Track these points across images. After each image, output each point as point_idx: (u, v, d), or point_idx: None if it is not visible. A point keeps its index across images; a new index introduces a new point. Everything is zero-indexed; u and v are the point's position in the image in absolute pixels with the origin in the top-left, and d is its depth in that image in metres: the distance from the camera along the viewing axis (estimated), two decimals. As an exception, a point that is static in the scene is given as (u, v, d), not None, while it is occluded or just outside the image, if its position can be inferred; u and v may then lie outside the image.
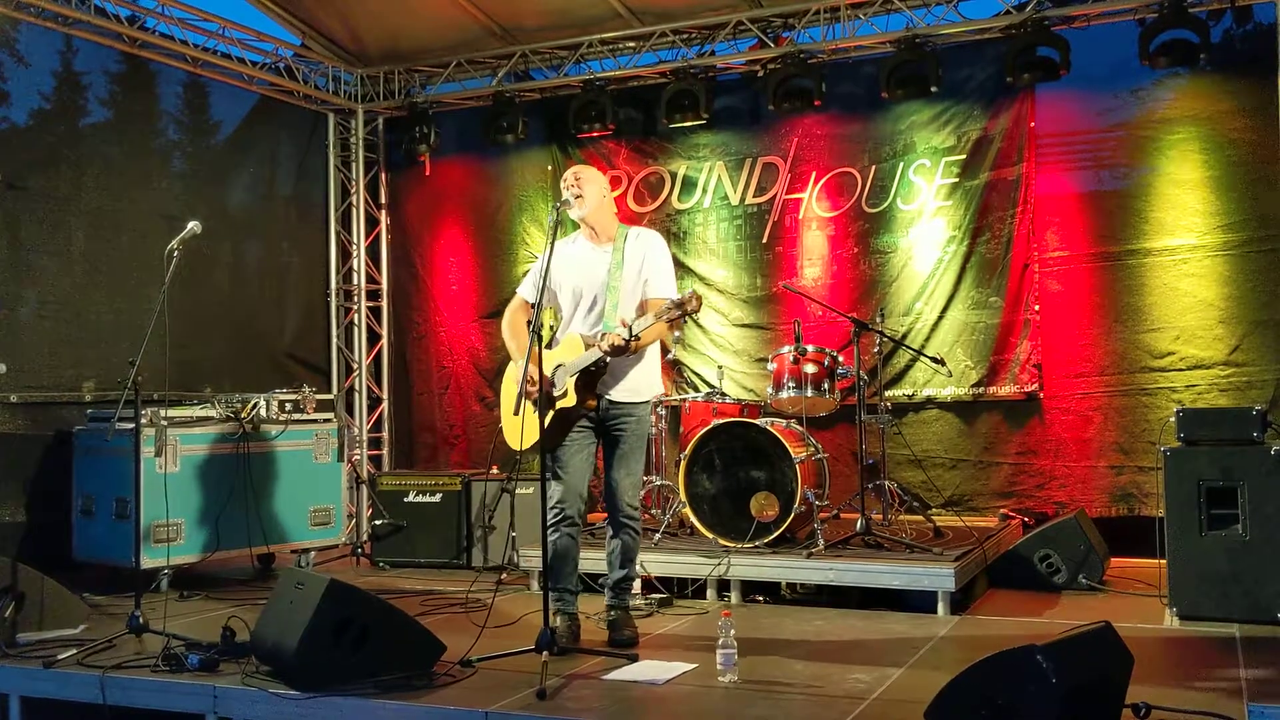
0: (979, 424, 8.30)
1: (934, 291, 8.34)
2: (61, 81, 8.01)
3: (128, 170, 8.34)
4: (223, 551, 7.31)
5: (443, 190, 10.07)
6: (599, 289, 5.32)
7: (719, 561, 6.45)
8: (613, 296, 5.26)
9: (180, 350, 8.43)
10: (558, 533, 5.35)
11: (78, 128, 8.07)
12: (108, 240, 8.16)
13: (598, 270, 5.35)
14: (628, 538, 5.46)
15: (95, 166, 8.12)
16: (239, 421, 7.47)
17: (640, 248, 5.38)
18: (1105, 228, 7.99)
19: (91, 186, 8.08)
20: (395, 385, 10.24)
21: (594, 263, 5.38)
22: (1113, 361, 7.94)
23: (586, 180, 5.40)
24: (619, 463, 5.37)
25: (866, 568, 6.23)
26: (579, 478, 5.37)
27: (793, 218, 8.79)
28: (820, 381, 7.07)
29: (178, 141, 8.87)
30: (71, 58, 8.07)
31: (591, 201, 5.38)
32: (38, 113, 7.84)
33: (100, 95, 8.26)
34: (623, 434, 5.35)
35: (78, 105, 8.10)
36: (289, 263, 9.80)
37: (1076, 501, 7.94)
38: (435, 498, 7.96)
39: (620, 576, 5.52)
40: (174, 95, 8.75)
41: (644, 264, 5.35)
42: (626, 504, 5.40)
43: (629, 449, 5.36)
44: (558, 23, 9.11)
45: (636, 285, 5.33)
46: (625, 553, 5.49)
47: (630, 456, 5.37)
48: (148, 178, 8.49)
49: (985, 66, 8.26)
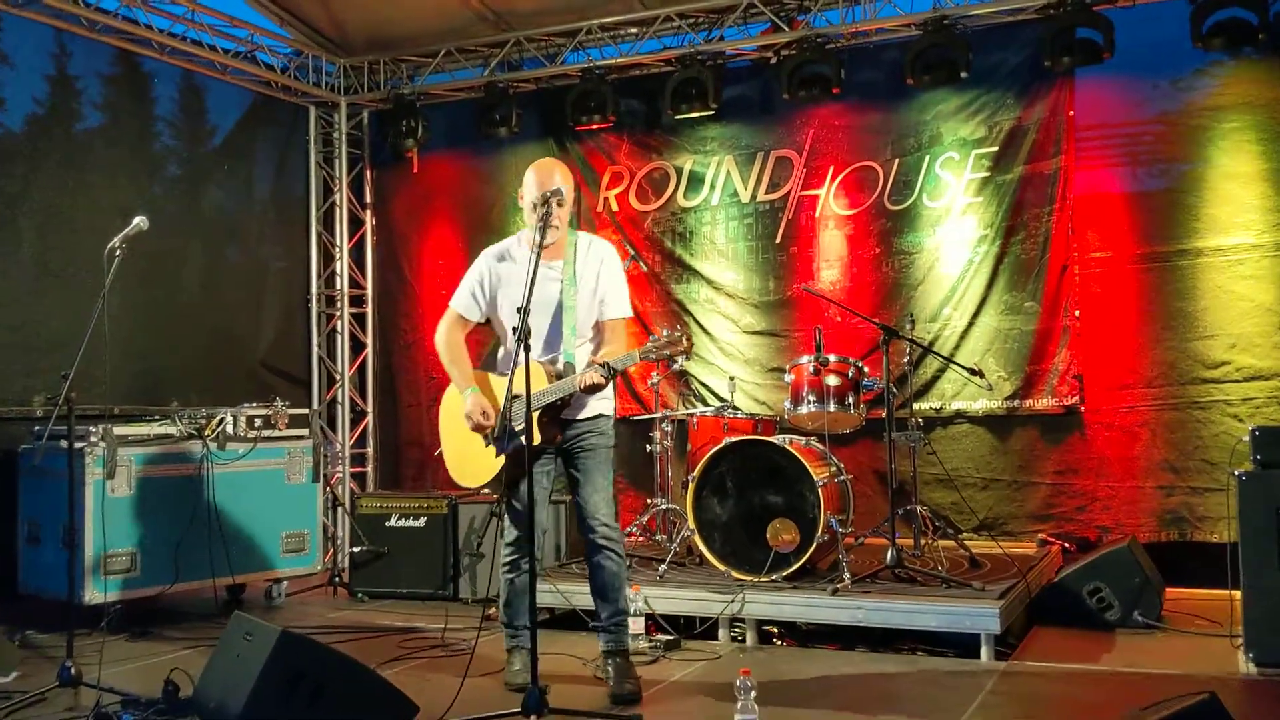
0: (1013, 440, 7.60)
1: (964, 296, 7.66)
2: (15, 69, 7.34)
3: (85, 164, 7.65)
4: (183, 584, 6.63)
5: (432, 188, 9.40)
6: (550, 308, 4.76)
7: (732, 597, 5.76)
8: (569, 318, 4.73)
9: (142, 360, 7.83)
10: (516, 571, 4.90)
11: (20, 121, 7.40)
12: (59, 240, 7.46)
13: (549, 287, 4.77)
14: (610, 562, 4.83)
15: (45, 161, 7.43)
16: (202, 439, 6.79)
17: (594, 261, 4.83)
18: (1152, 225, 7.30)
19: (40, 184, 7.38)
20: (380, 398, 9.55)
21: (544, 278, 4.74)
22: (1161, 372, 7.24)
23: (565, 199, 4.74)
24: (586, 479, 4.82)
25: (899, 606, 5.54)
26: (539, 509, 4.81)
27: (808, 216, 8.10)
28: (844, 395, 6.38)
29: (139, 134, 8.16)
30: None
31: (564, 223, 4.80)
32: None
33: (50, 86, 7.57)
34: (586, 449, 4.82)
35: (35, 99, 7.42)
36: (266, 266, 9.12)
37: (1122, 526, 7.25)
38: (419, 522, 7.27)
39: (612, 613, 4.88)
40: (131, 81, 8.03)
41: (599, 280, 4.81)
42: (601, 522, 4.81)
43: (594, 464, 4.83)
44: (554, 7, 8.44)
45: (592, 305, 4.81)
46: (611, 580, 4.86)
47: (597, 471, 4.83)
48: (106, 172, 7.79)
49: (1019, 50, 7.58)
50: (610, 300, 4.82)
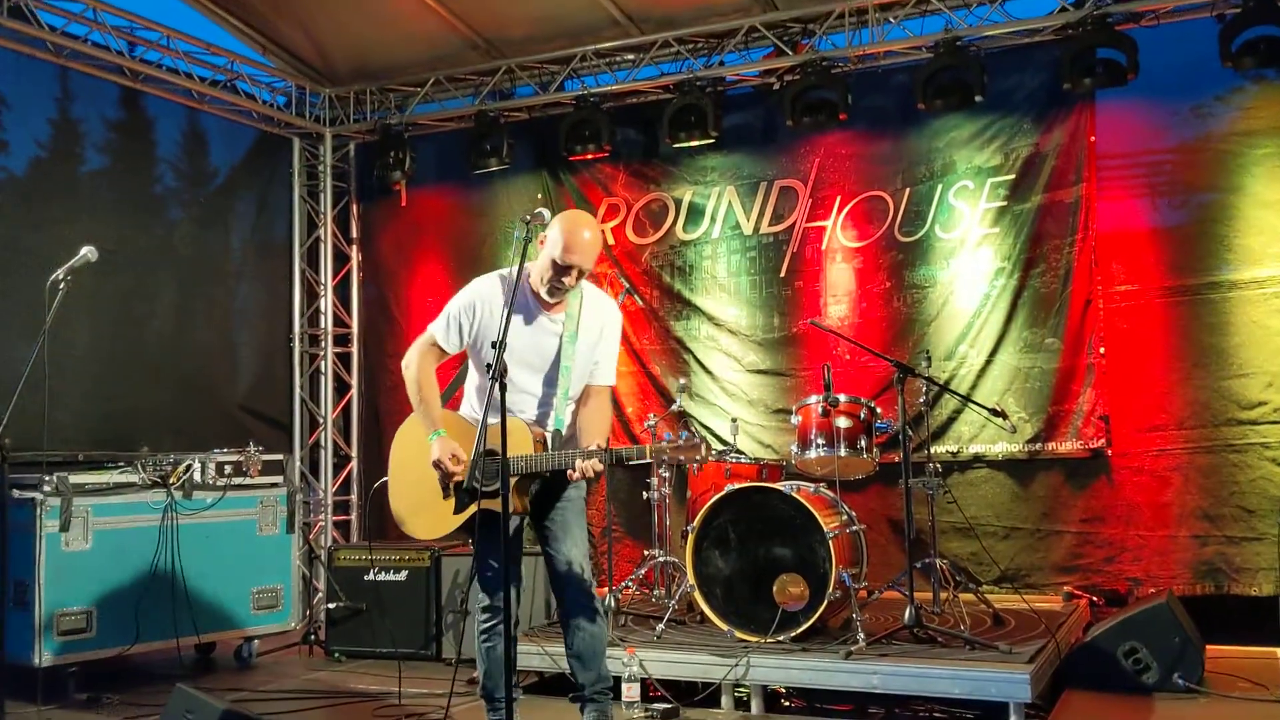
0: (1036, 486, 7.13)
1: (980, 332, 7.21)
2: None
3: (49, 199, 7.22)
4: (144, 644, 6.15)
5: (420, 222, 8.99)
6: (545, 364, 4.30)
7: (736, 661, 5.27)
8: (565, 380, 4.27)
9: (110, 403, 7.39)
10: (493, 640, 4.33)
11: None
12: (17, 276, 7.01)
13: (547, 340, 4.31)
14: (589, 624, 4.36)
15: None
16: (166, 487, 6.33)
17: (598, 320, 4.39)
18: (1181, 257, 6.87)
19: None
20: (366, 442, 9.09)
21: (542, 329, 4.31)
22: (1193, 413, 6.78)
23: (592, 266, 4.28)
24: (561, 534, 4.36)
25: (920, 671, 5.04)
26: (511, 572, 4.31)
27: (815, 248, 7.68)
28: (855, 438, 5.92)
29: (109, 167, 7.73)
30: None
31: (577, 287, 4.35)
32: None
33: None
34: (561, 502, 4.36)
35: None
36: (246, 304, 8.68)
37: (1153, 578, 6.77)
38: (400, 575, 6.79)
39: (594, 679, 4.40)
40: (99, 115, 7.63)
41: (601, 343, 4.39)
42: (579, 576, 4.34)
43: (570, 516, 4.39)
44: (547, 33, 8.07)
45: (587, 366, 4.37)
46: (593, 643, 4.38)
47: (573, 523, 4.40)
48: (70, 206, 7.36)
49: (1036, 73, 7.19)
50: (605, 365, 4.42)
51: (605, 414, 4.36)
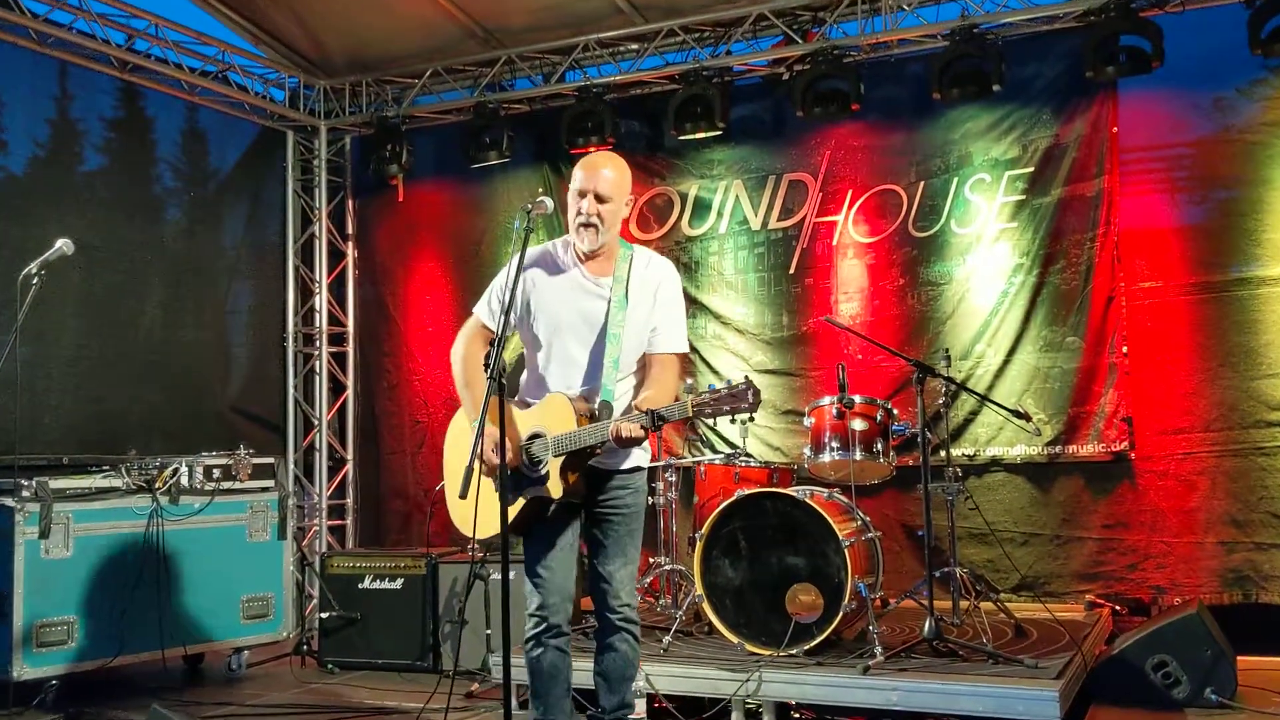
0: (1056, 490, 6.86)
1: (998, 330, 6.95)
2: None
3: (35, 192, 6.97)
4: (129, 655, 5.89)
5: (418, 218, 8.72)
6: (593, 332, 3.94)
7: (747, 676, 5.00)
8: (613, 348, 3.88)
9: (98, 404, 7.14)
10: (542, 647, 3.98)
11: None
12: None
13: (592, 305, 3.96)
14: (625, 645, 4.04)
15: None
16: (152, 492, 6.07)
17: (651, 282, 4.00)
18: (1207, 252, 6.60)
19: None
20: (362, 444, 8.83)
21: (586, 292, 3.99)
22: (1220, 414, 6.51)
23: (613, 199, 3.93)
24: (613, 550, 3.99)
25: (941, 688, 4.77)
26: (564, 574, 4.00)
27: (825, 244, 7.41)
28: (871, 441, 5.66)
29: (105, 166, 7.45)
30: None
31: (610, 227, 3.97)
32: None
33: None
34: (616, 512, 3.99)
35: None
36: (238, 302, 8.42)
37: (1178, 586, 6.51)
38: (396, 584, 6.53)
39: (617, 704, 4.09)
40: (92, 103, 7.37)
41: (656, 306, 3.98)
42: (624, 601, 4.01)
43: (625, 531, 4.01)
44: (548, 21, 7.82)
45: (642, 333, 3.97)
46: (624, 667, 4.06)
47: (627, 540, 4.01)
48: (58, 199, 7.10)
49: (1055, 63, 6.92)
50: (665, 330, 3.98)
51: (667, 383, 3.90)
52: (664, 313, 3.98)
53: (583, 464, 3.83)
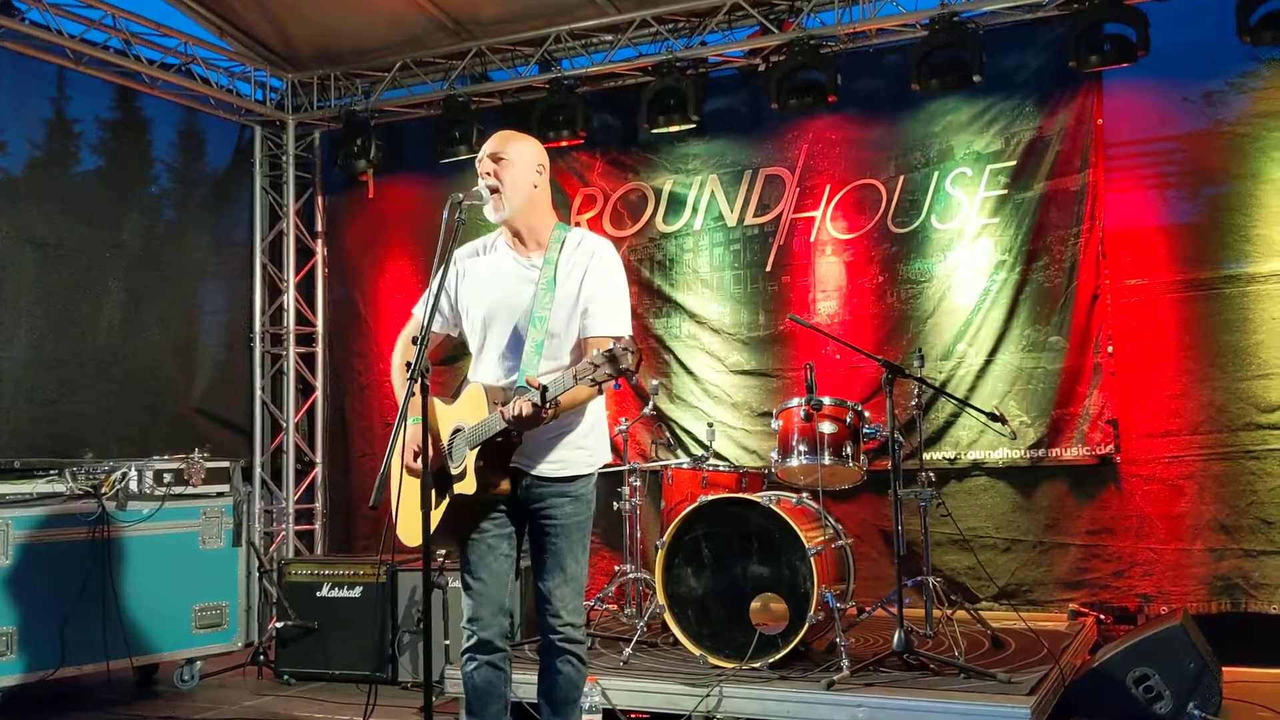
0: (1039, 495, 6.63)
1: (979, 329, 6.72)
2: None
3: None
4: (71, 667, 5.66)
5: (388, 215, 8.50)
6: (519, 319, 3.70)
7: (708, 691, 4.78)
8: (537, 331, 3.63)
9: (49, 407, 6.91)
10: (475, 662, 3.75)
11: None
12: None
13: (519, 291, 3.73)
14: (569, 668, 3.77)
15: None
16: (98, 497, 5.85)
17: (580, 261, 3.74)
18: (1195, 248, 6.37)
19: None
20: (331, 447, 8.60)
21: (515, 278, 3.77)
22: (1208, 417, 6.28)
23: (510, 161, 3.77)
24: (551, 564, 3.72)
25: (908, 704, 4.55)
26: (497, 585, 3.75)
27: (803, 241, 7.18)
28: (841, 444, 5.43)
29: (48, 156, 7.24)
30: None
31: (516, 194, 3.76)
32: None
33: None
34: (553, 522, 3.71)
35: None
36: (203, 301, 8.19)
37: (1165, 594, 6.29)
38: (354, 592, 6.31)
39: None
40: (37, 95, 7.14)
41: (584, 286, 3.70)
42: (566, 620, 3.73)
43: (566, 542, 3.72)
44: (519, 13, 7.59)
45: (573, 316, 3.70)
46: (568, 690, 3.79)
47: (566, 553, 3.72)
48: (10, 196, 6.90)
49: (1039, 52, 6.70)
50: (595, 311, 3.67)
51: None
52: (594, 289, 3.69)
53: (500, 458, 3.58)
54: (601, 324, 3.65)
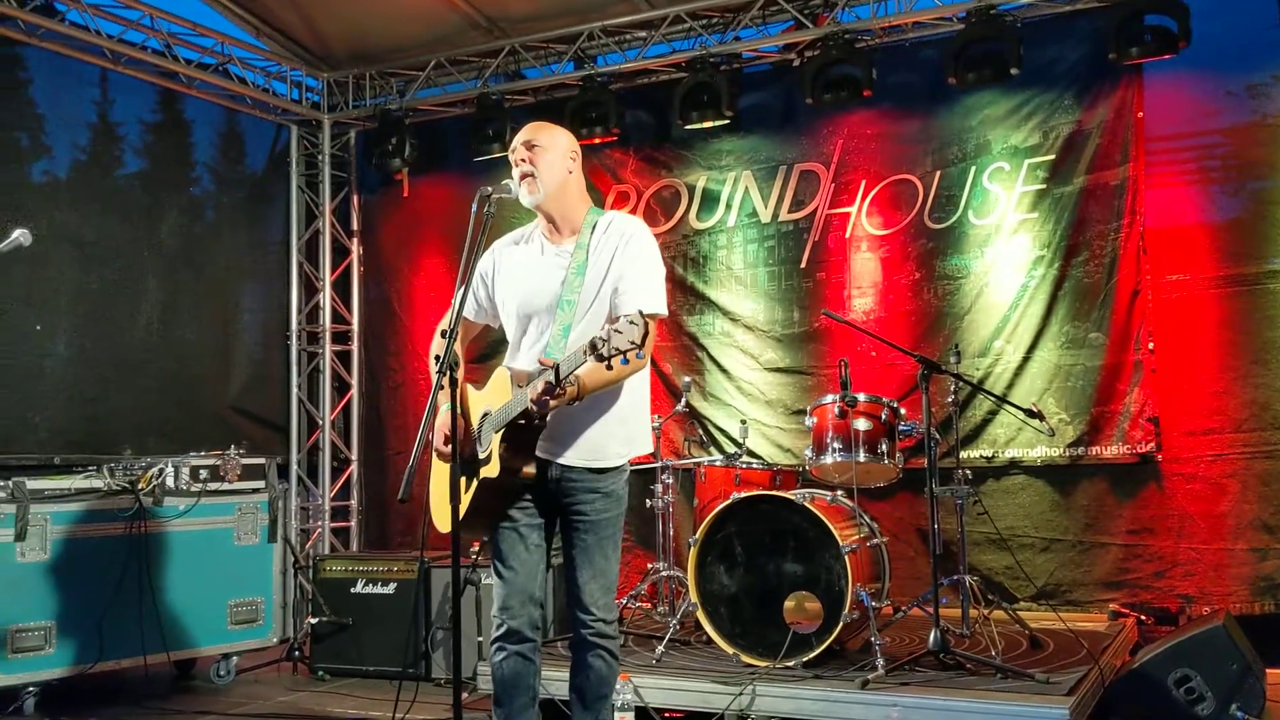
0: (1078, 494, 6.53)
1: (1017, 326, 6.63)
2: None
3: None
4: (108, 662, 5.71)
5: (422, 213, 8.52)
6: (552, 305, 3.66)
7: (740, 689, 4.74)
8: (565, 314, 3.60)
9: (88, 405, 6.97)
10: (503, 652, 3.74)
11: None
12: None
13: (552, 277, 3.71)
14: (600, 663, 3.74)
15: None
16: (135, 493, 5.89)
17: (610, 242, 3.69)
18: (1239, 243, 6.25)
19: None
20: (366, 444, 8.63)
21: (548, 267, 3.75)
22: (1252, 414, 6.17)
23: (544, 148, 3.76)
24: (580, 559, 3.69)
25: (943, 704, 4.49)
26: (526, 574, 3.73)
27: (838, 237, 7.13)
28: (876, 441, 5.38)
29: (91, 160, 7.29)
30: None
31: (550, 179, 3.74)
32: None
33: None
34: (583, 519, 3.68)
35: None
36: (240, 299, 8.25)
37: (1207, 595, 6.17)
38: (388, 588, 6.32)
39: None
40: (80, 96, 7.20)
41: (613, 265, 3.64)
42: (597, 616, 3.70)
43: (595, 538, 3.69)
44: (552, 9, 7.58)
45: (603, 297, 3.65)
46: (598, 685, 3.76)
47: (595, 549, 3.69)
48: (45, 196, 6.95)
49: (1077, 45, 6.60)
50: (628, 288, 3.58)
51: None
52: (625, 267, 3.63)
53: (523, 441, 3.55)
54: (633, 300, 3.55)
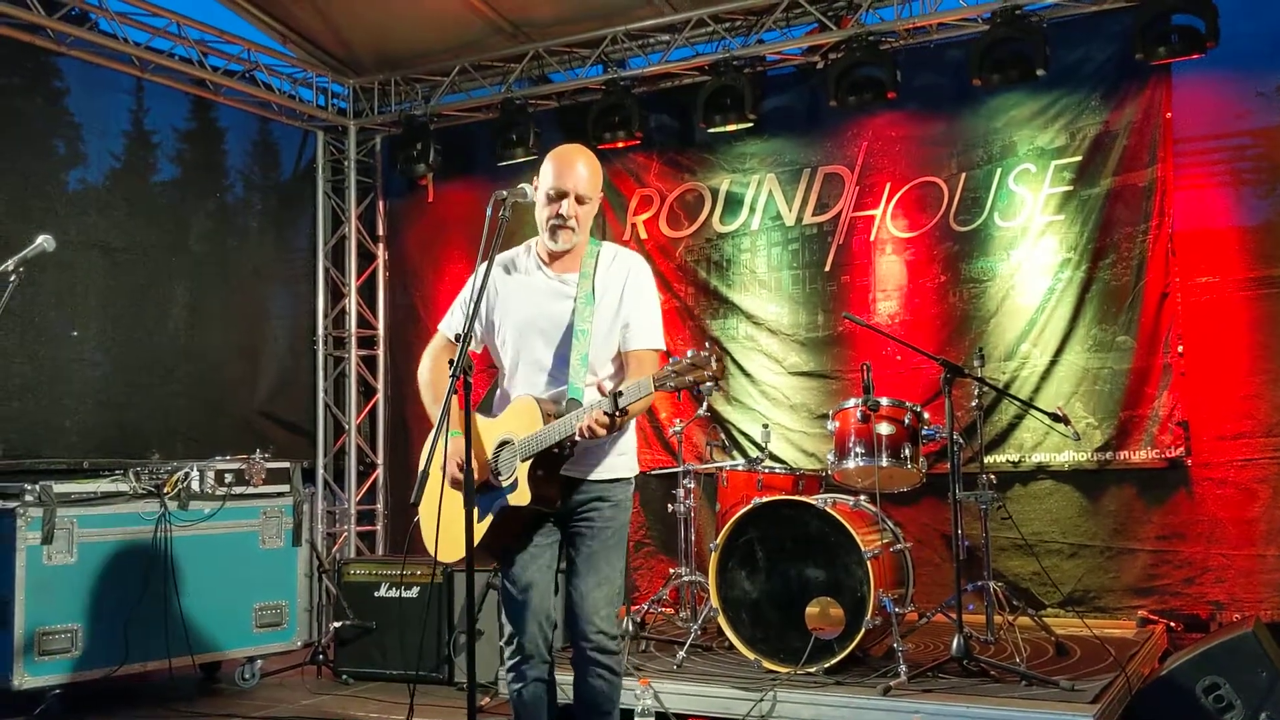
0: (1106, 499, 6.46)
1: (1044, 329, 6.57)
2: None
3: (35, 188, 6.86)
4: (134, 664, 5.74)
5: (447, 218, 8.54)
6: (559, 332, 3.67)
7: (761, 695, 4.71)
8: (581, 344, 3.60)
9: (117, 409, 7.04)
10: (521, 680, 3.70)
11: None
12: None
13: (559, 305, 3.70)
14: (600, 682, 3.66)
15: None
16: (160, 497, 5.93)
17: (618, 276, 3.72)
18: (1270, 246, 6.18)
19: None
20: (392, 449, 8.67)
21: (549, 294, 3.73)
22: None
23: (592, 202, 3.72)
24: (583, 567, 3.65)
25: (966, 711, 4.45)
26: (541, 596, 3.69)
27: (862, 240, 7.09)
28: (899, 446, 5.34)
29: (126, 168, 7.36)
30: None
31: (584, 229, 3.73)
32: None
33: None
34: (589, 525, 3.66)
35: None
36: (267, 305, 8.30)
37: (1238, 601, 6.09)
38: (411, 592, 6.33)
39: None
40: (112, 103, 7.28)
41: (624, 300, 3.69)
42: (598, 629, 3.63)
43: (601, 546, 3.66)
44: (576, 14, 7.59)
45: (612, 331, 3.68)
46: (601, 703, 3.69)
47: (601, 556, 3.66)
48: (75, 201, 7.03)
49: (1104, 45, 6.54)
50: (637, 325, 3.68)
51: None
52: (633, 305, 3.69)
53: (553, 468, 3.55)
54: (643, 337, 3.66)
